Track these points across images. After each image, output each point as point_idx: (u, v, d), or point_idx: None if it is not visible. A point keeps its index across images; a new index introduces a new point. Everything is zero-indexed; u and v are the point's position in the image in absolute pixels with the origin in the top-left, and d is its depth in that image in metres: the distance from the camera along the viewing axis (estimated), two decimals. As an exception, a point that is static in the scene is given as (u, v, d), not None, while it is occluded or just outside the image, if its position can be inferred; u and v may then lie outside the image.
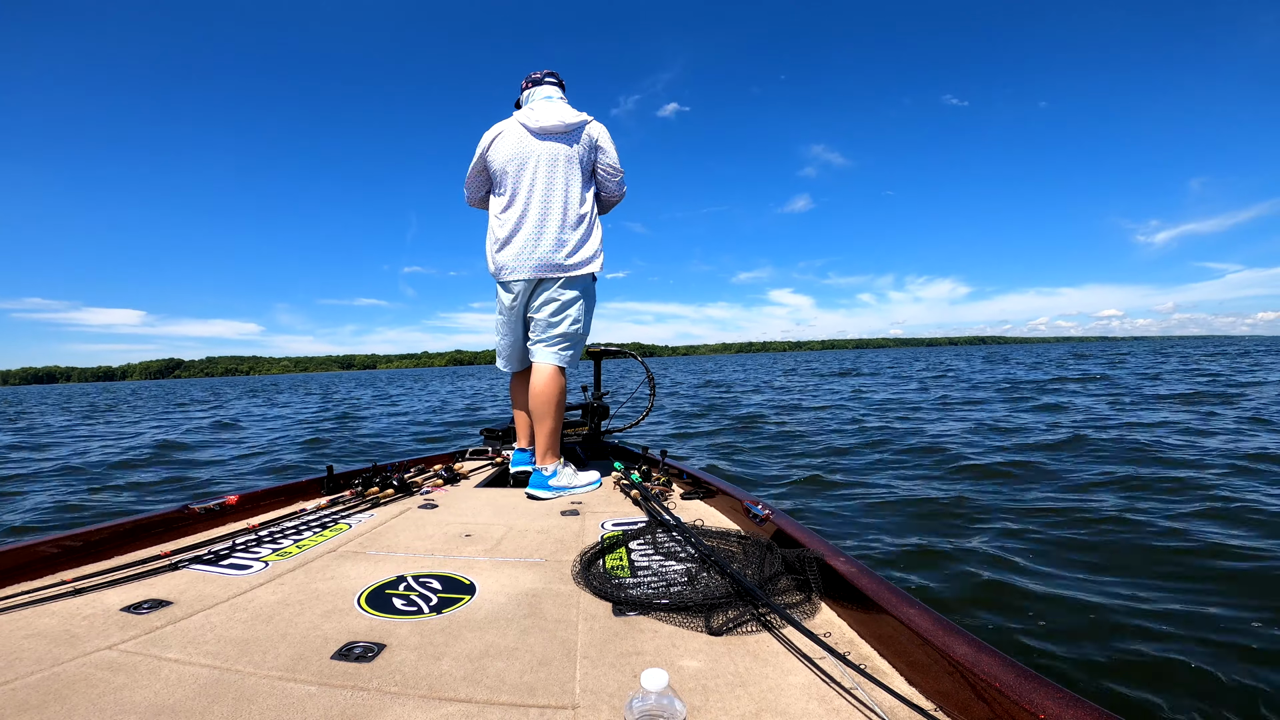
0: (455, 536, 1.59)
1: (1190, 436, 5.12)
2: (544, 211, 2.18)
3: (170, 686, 0.84)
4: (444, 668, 0.90)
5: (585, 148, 2.22)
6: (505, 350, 2.47)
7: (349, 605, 1.13)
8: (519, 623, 1.06)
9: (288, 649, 0.96)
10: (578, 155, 2.20)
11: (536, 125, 2.18)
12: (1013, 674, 0.70)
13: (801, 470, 4.49)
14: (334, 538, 1.59)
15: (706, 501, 1.92)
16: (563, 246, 2.19)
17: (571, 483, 2.16)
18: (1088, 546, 2.59)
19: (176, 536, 1.59)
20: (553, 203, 2.18)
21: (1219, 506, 3.02)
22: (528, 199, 2.19)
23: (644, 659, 0.92)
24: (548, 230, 2.18)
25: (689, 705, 0.79)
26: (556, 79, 2.33)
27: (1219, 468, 3.88)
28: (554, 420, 2.21)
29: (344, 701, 0.80)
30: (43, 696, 0.81)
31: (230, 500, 1.79)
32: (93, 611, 1.10)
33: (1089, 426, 5.89)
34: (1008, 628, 1.90)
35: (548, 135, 2.19)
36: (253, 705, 0.79)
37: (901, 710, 0.77)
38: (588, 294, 2.29)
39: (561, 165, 2.19)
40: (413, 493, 2.14)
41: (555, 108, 2.22)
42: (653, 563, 1.35)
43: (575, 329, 2.27)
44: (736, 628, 1.01)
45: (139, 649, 0.96)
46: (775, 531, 1.39)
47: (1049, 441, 5.12)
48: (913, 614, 0.87)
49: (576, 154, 2.20)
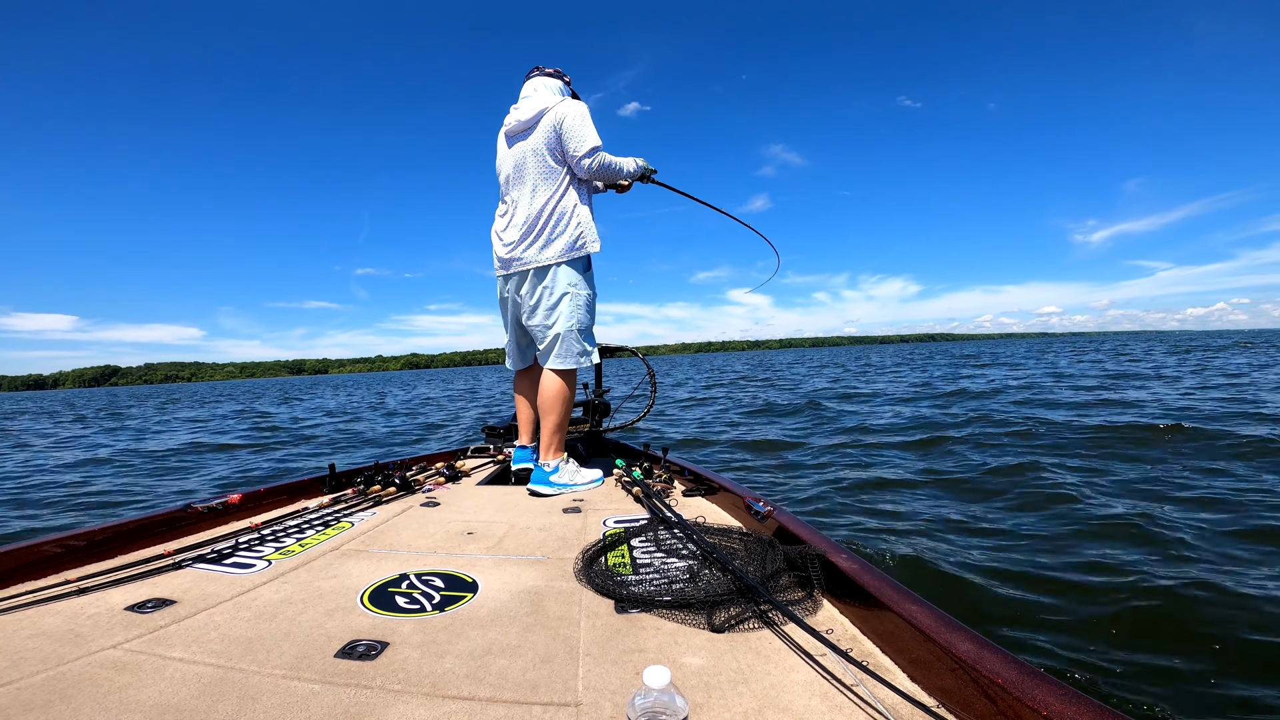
0: (457, 534, 1.59)
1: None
2: (514, 208, 2.25)
3: (175, 685, 0.84)
4: (447, 665, 0.90)
5: (548, 137, 2.17)
6: (507, 347, 2.54)
7: (352, 603, 1.14)
8: (521, 620, 1.06)
9: (291, 647, 0.96)
10: (542, 148, 2.17)
11: (506, 130, 2.29)
12: (1015, 671, 0.69)
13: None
14: (336, 536, 1.59)
15: (708, 498, 1.92)
16: (528, 239, 2.20)
17: (573, 480, 2.16)
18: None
19: (179, 535, 1.59)
20: (521, 200, 2.22)
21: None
22: (506, 198, 2.30)
23: (646, 656, 0.92)
24: (518, 226, 2.22)
25: (691, 702, 0.79)
26: (552, 72, 2.32)
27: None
28: (557, 418, 2.21)
29: (347, 700, 0.80)
30: (48, 696, 0.81)
31: (233, 499, 1.79)
32: (97, 611, 1.10)
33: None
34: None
35: (514, 137, 2.27)
36: (257, 704, 0.80)
37: (904, 707, 0.77)
38: (571, 285, 2.22)
39: (525, 164, 2.21)
40: (415, 491, 2.15)
41: (520, 107, 2.25)
42: (655, 560, 1.35)
43: (558, 322, 2.21)
44: (739, 625, 1.01)
45: (143, 648, 0.96)
46: (777, 528, 1.39)
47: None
48: (915, 610, 0.87)
49: (540, 148, 2.18)
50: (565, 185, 2.21)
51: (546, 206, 2.18)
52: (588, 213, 2.26)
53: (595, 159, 2.17)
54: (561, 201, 2.20)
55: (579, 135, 2.15)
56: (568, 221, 2.20)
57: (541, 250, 2.19)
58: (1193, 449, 4.52)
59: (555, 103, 2.18)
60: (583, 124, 2.16)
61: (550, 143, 2.17)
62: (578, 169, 2.19)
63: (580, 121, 2.16)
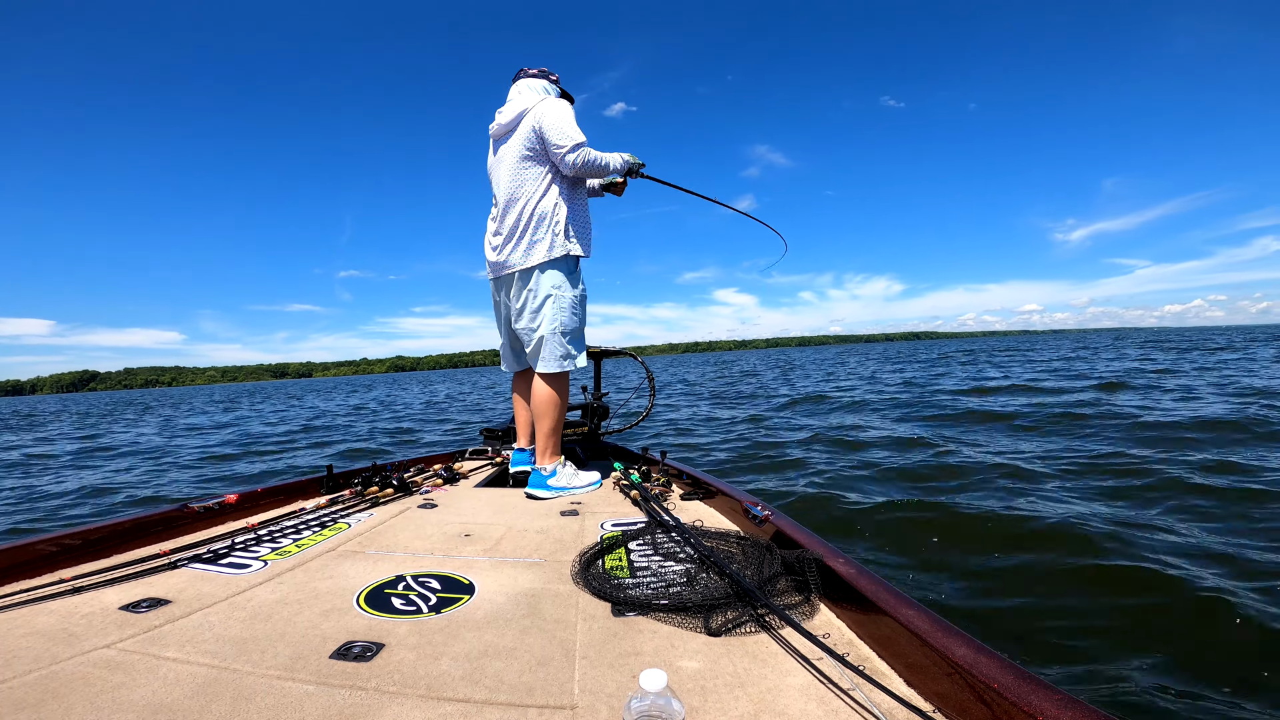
0: (454, 536, 1.59)
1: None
2: (501, 211, 2.26)
3: (168, 685, 0.84)
4: (443, 667, 0.90)
5: (529, 137, 2.15)
6: (501, 350, 2.56)
7: (348, 604, 1.13)
8: (518, 623, 1.06)
9: (286, 648, 0.96)
10: (524, 149, 2.17)
11: (491, 133, 2.31)
12: (1011, 676, 0.70)
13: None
14: (333, 537, 1.59)
15: (706, 502, 1.91)
16: (511, 243, 2.21)
17: (571, 483, 2.15)
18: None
19: (175, 535, 1.59)
20: (504, 203, 2.23)
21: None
22: (494, 202, 2.32)
23: (643, 659, 0.92)
24: (502, 228, 2.24)
25: (687, 706, 0.79)
26: (526, 74, 2.29)
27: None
28: (550, 421, 2.20)
29: (342, 701, 0.80)
30: (40, 695, 0.81)
31: (229, 499, 1.79)
32: (91, 610, 1.10)
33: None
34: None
35: (498, 140, 2.29)
36: (251, 704, 0.79)
37: (900, 711, 0.77)
38: (555, 287, 2.19)
39: (510, 164, 2.21)
40: (412, 492, 2.14)
41: (507, 108, 2.25)
42: (652, 563, 1.35)
43: (542, 325, 2.19)
44: (735, 628, 1.01)
45: (137, 648, 0.96)
46: (774, 532, 1.39)
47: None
48: (911, 615, 0.87)
49: (522, 148, 2.17)
50: (546, 187, 2.18)
51: (526, 208, 2.17)
52: (569, 213, 2.20)
53: (579, 154, 2.13)
54: (541, 203, 2.18)
55: (560, 131, 2.11)
56: (549, 223, 2.17)
57: (525, 253, 2.18)
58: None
59: (535, 102, 2.17)
60: (564, 120, 2.13)
61: (530, 143, 2.15)
62: (562, 166, 2.16)
63: (561, 118, 2.13)
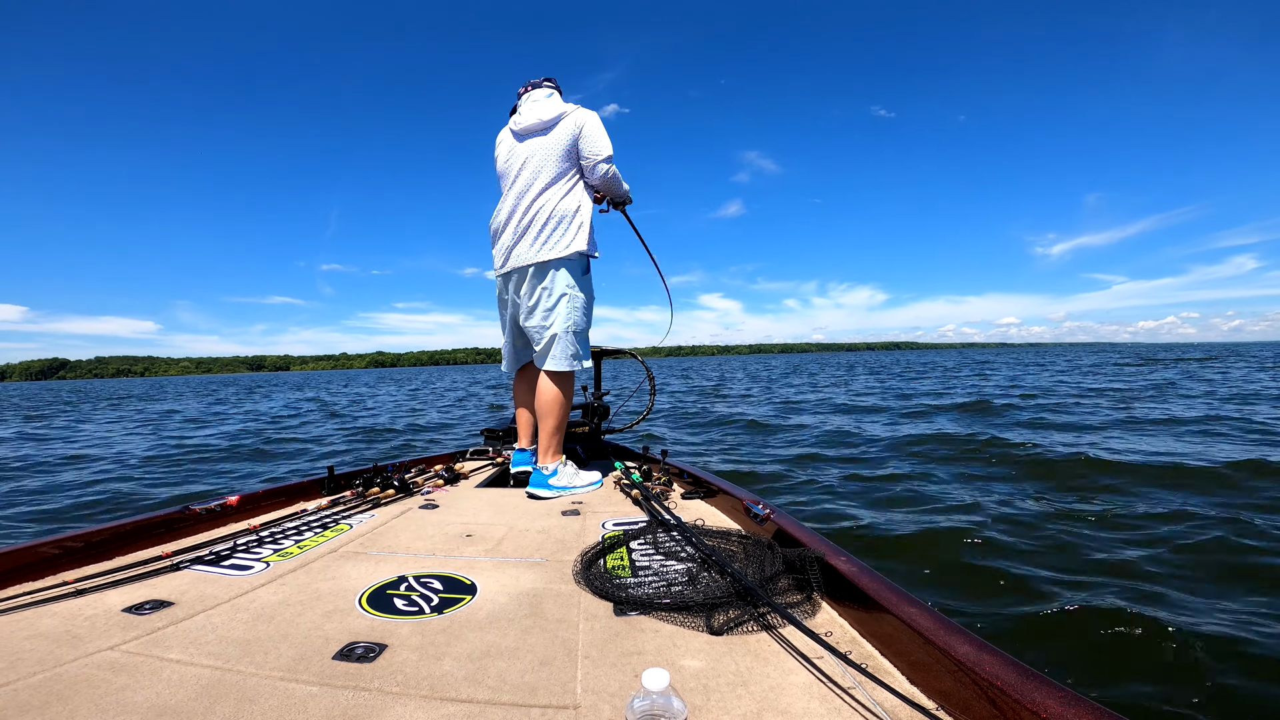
0: (456, 536, 1.59)
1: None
2: (516, 205, 2.26)
3: (172, 687, 0.84)
4: (445, 668, 0.90)
5: (567, 138, 2.21)
6: (503, 349, 2.54)
7: (350, 605, 1.14)
8: (520, 623, 1.06)
9: (289, 649, 0.96)
10: (558, 147, 2.21)
11: (519, 127, 2.30)
12: (1015, 673, 0.69)
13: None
14: (335, 538, 1.59)
15: (707, 501, 1.91)
16: (529, 237, 2.22)
17: (572, 482, 2.15)
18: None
19: (177, 537, 1.59)
20: (526, 197, 2.23)
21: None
22: (508, 196, 2.30)
23: (645, 659, 0.92)
24: (519, 221, 2.24)
25: (690, 705, 0.79)
26: (553, 83, 2.38)
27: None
28: (555, 420, 2.21)
29: (345, 702, 0.80)
30: (44, 697, 0.81)
31: (231, 501, 1.79)
32: (94, 612, 1.10)
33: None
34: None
35: (527, 135, 2.28)
36: (254, 706, 0.79)
37: (903, 710, 0.77)
38: (569, 286, 2.23)
39: (538, 160, 2.22)
40: (413, 493, 2.14)
41: (538, 107, 2.27)
42: (653, 562, 1.35)
43: (555, 323, 2.21)
44: (737, 627, 1.01)
45: (140, 649, 0.96)
46: (776, 531, 1.39)
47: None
48: (914, 613, 0.87)
49: (557, 146, 2.21)
50: (572, 187, 2.25)
51: (551, 204, 2.20)
52: (589, 216, 2.27)
53: (611, 167, 2.28)
54: (565, 201, 2.22)
55: (601, 141, 2.24)
56: (570, 222, 2.22)
57: (542, 248, 2.20)
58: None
59: (576, 109, 2.25)
60: (602, 132, 2.26)
61: (569, 144, 2.22)
62: (591, 174, 2.26)
63: (602, 129, 2.26)
